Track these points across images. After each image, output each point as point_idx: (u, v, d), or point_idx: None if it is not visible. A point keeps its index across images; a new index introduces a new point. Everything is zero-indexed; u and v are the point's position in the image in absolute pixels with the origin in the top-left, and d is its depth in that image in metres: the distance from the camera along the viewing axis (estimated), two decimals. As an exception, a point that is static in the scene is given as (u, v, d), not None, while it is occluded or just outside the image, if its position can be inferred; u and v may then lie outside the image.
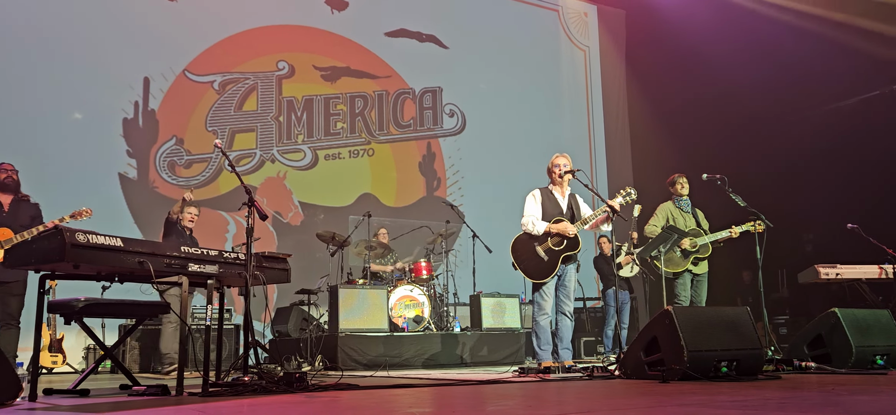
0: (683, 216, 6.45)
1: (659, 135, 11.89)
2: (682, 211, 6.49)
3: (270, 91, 10.00)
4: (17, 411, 2.96)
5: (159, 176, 9.07)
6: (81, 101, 8.78)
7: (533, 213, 5.48)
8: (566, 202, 5.60)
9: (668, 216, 6.44)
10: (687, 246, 6.18)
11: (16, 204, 5.54)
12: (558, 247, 5.38)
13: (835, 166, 9.40)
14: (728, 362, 4.25)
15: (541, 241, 5.41)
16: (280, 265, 4.46)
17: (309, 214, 9.82)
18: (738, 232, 6.19)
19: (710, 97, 10.96)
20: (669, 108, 11.65)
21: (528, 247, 5.45)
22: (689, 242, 6.18)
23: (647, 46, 12.28)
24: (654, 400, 3.01)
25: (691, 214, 6.49)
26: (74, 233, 3.33)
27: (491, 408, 2.79)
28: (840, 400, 2.90)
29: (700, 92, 11.08)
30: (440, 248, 8.75)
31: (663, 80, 11.81)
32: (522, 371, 5.41)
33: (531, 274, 5.42)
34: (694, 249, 6.18)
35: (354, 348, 6.97)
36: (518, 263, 5.46)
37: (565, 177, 5.55)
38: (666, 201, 6.57)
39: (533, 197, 5.58)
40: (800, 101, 9.88)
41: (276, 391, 3.67)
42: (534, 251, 5.41)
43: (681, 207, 6.51)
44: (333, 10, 10.62)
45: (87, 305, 3.71)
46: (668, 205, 6.54)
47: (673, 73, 11.52)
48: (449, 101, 11.32)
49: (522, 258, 5.45)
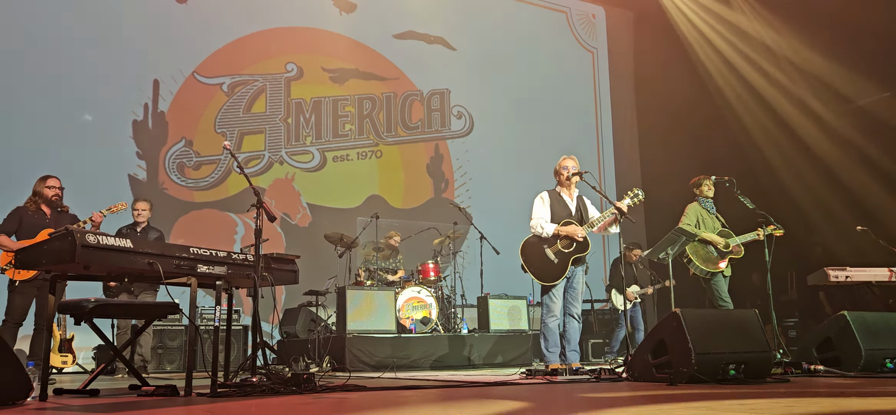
0: (711, 217, 6.41)
1: (667, 137, 11.85)
2: (708, 212, 6.45)
3: (279, 93, 10.03)
4: (27, 410, 2.99)
5: (169, 177, 9.11)
6: (92, 102, 8.84)
7: (542, 215, 5.46)
8: (574, 204, 5.58)
9: (698, 216, 6.38)
10: (721, 246, 6.16)
11: (56, 215, 5.97)
12: (567, 249, 5.37)
13: (845, 168, 9.34)
14: (736, 365, 4.23)
15: (550, 243, 5.39)
16: (288, 266, 4.48)
17: (317, 216, 9.84)
18: (763, 235, 6.16)
19: (719, 98, 10.92)
20: (678, 109, 11.61)
21: (537, 249, 5.43)
22: (723, 242, 6.16)
23: (655, 47, 12.23)
24: (662, 403, 3.00)
25: (716, 216, 6.45)
26: (85, 234, 3.36)
27: (498, 410, 2.80)
28: (850, 404, 2.89)
29: (708, 93, 11.04)
30: (448, 249, 8.75)
31: (672, 81, 11.77)
32: (530, 373, 5.41)
33: (541, 276, 5.38)
34: (728, 250, 6.15)
35: (362, 350, 6.98)
36: (528, 266, 5.43)
37: (573, 179, 5.53)
38: (691, 202, 6.52)
39: (541, 199, 5.55)
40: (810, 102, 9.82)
41: (285, 392, 3.68)
42: (543, 254, 5.39)
43: (706, 207, 6.47)
44: (342, 12, 10.65)
45: (97, 305, 3.74)
46: (695, 205, 6.47)
47: (681, 75, 11.48)
48: (457, 102, 11.32)
49: (532, 261, 5.42)
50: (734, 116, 10.72)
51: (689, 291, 7.97)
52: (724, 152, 10.49)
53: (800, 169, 9.84)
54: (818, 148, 9.60)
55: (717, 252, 6.17)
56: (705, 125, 11.10)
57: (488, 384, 4.42)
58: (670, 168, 11.56)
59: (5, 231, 5.78)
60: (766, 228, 6.15)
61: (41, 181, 6.03)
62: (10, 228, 5.80)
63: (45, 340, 3.75)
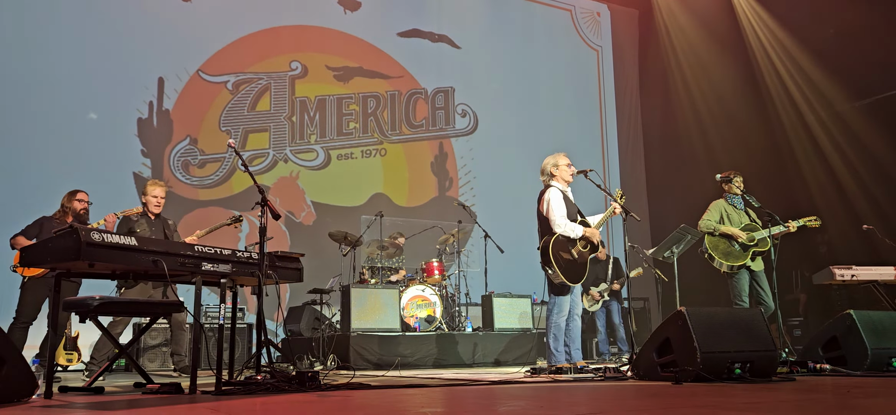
0: (737, 213, 6.37)
1: (672, 135, 11.83)
2: (735, 207, 6.40)
3: (283, 91, 10.04)
4: (32, 408, 2.99)
5: (173, 175, 9.13)
6: (97, 101, 8.86)
7: (564, 214, 5.38)
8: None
9: (722, 212, 6.35)
10: (744, 239, 6.13)
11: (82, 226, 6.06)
12: (585, 249, 5.41)
13: (851, 166, 9.31)
14: (741, 364, 4.22)
15: (573, 243, 5.37)
16: (293, 265, 4.48)
17: (321, 214, 9.85)
18: (795, 227, 6.13)
19: (724, 97, 10.89)
20: (683, 107, 11.58)
21: (564, 249, 5.35)
22: (746, 235, 6.13)
23: (660, 46, 12.20)
24: (667, 402, 3.00)
25: (744, 212, 6.41)
26: (89, 232, 3.36)
27: (503, 409, 2.79)
28: (856, 403, 2.88)
29: (713, 92, 11.02)
30: (452, 248, 8.75)
31: (676, 79, 11.75)
32: (534, 371, 5.40)
33: (569, 276, 5.31)
34: (752, 243, 6.11)
35: (366, 348, 6.98)
36: (557, 266, 5.28)
37: (571, 175, 5.54)
38: (718, 198, 6.49)
39: (556, 196, 5.44)
40: (816, 100, 9.79)
41: (289, 390, 3.68)
42: (570, 253, 5.34)
43: (734, 203, 6.43)
44: (346, 11, 10.65)
45: (102, 303, 3.74)
46: (720, 202, 6.42)
47: (686, 73, 11.46)
48: (461, 101, 11.32)
49: (560, 261, 5.31)
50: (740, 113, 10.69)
51: (694, 289, 7.96)
52: (728, 150, 10.45)
53: (807, 166, 9.81)
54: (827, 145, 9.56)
55: (739, 246, 6.13)
56: (711, 123, 11.07)
57: (493, 383, 4.41)
58: (674, 167, 11.55)
59: (24, 235, 5.94)
60: (799, 220, 6.13)
61: (70, 195, 6.11)
62: (30, 235, 5.93)
63: (50, 338, 3.76)
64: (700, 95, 11.21)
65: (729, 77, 10.85)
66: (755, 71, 10.50)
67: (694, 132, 11.32)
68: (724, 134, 10.80)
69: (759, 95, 10.47)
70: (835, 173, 9.39)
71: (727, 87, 10.86)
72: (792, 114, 10.06)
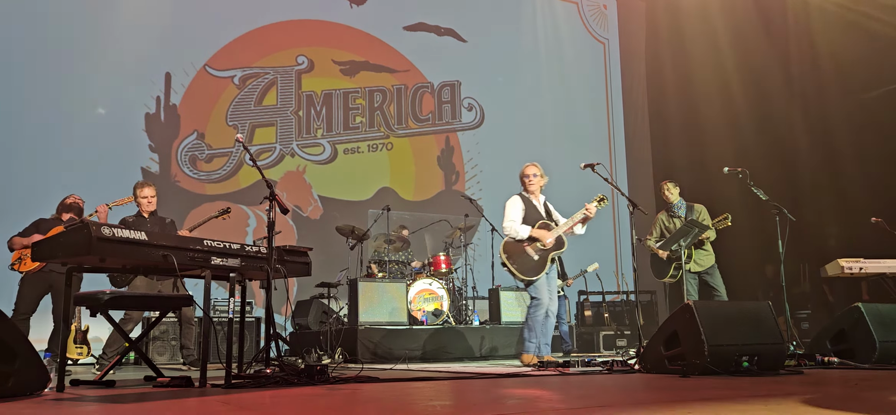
0: (672, 222, 6.73)
1: (679, 128, 11.78)
2: (671, 217, 6.77)
3: (290, 86, 10.06)
4: (45, 401, 3.02)
5: (181, 170, 9.17)
6: (104, 96, 8.91)
7: (515, 218, 5.70)
8: (542, 207, 5.85)
9: (660, 227, 6.80)
10: (663, 256, 6.43)
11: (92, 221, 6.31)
12: (543, 247, 5.62)
13: (860, 159, 9.25)
14: (749, 357, 4.21)
15: (530, 242, 5.64)
16: (301, 259, 4.50)
17: (328, 208, 9.87)
18: (725, 225, 6.40)
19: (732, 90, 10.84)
20: (690, 100, 11.54)
21: (518, 248, 5.67)
22: (664, 252, 6.41)
23: (667, 39, 12.15)
24: (676, 395, 3.00)
25: (683, 217, 6.62)
26: (100, 227, 3.39)
27: (509, 402, 2.80)
28: (864, 396, 2.88)
29: (721, 84, 10.97)
30: (459, 242, 8.76)
31: (683, 72, 11.70)
32: (541, 365, 5.42)
33: (524, 272, 5.61)
34: (675, 257, 6.33)
35: (374, 341, 7.01)
36: (510, 263, 5.64)
37: (539, 184, 5.82)
38: (660, 212, 6.84)
39: (514, 202, 5.77)
40: (824, 92, 9.73)
41: (298, 383, 3.71)
42: (524, 251, 5.64)
43: (672, 213, 6.74)
44: (352, 5, 10.65)
45: (113, 297, 3.77)
46: (661, 215, 6.88)
47: (693, 66, 11.41)
48: (467, 94, 11.31)
49: (514, 258, 5.64)
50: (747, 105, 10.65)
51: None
52: (735, 143, 10.41)
53: (814, 159, 9.76)
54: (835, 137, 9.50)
55: (665, 260, 6.47)
56: (718, 116, 11.03)
57: (500, 376, 4.43)
58: (682, 160, 11.51)
59: (22, 237, 6.13)
60: (718, 224, 6.44)
61: (62, 203, 6.34)
62: (27, 236, 6.10)
63: (62, 331, 3.80)
64: (707, 88, 11.15)
65: (737, 69, 10.80)
66: (763, 60, 10.44)
67: (702, 125, 11.27)
68: (731, 127, 10.76)
69: (767, 87, 10.42)
70: (850, 166, 9.32)
71: (735, 80, 10.81)
72: (800, 105, 10.01)
